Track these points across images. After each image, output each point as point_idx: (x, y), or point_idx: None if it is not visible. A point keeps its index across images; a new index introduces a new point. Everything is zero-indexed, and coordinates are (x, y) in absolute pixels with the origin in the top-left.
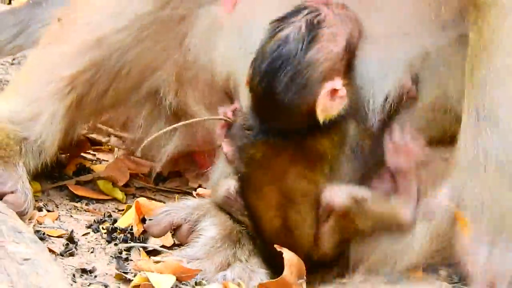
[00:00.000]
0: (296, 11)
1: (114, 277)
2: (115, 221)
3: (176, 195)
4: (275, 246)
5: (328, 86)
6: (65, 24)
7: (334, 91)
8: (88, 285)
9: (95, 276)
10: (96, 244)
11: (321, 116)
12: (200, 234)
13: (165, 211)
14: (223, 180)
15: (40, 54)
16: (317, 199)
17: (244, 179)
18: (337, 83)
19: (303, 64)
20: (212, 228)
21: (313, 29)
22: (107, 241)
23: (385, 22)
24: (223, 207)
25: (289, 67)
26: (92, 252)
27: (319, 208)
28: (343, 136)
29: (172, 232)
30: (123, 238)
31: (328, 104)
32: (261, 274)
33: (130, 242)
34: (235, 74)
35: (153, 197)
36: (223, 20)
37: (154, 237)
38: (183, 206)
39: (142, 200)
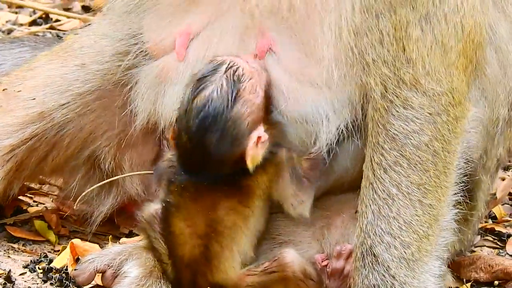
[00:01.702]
0: (214, 68)
1: None
2: (51, 261)
3: (110, 236)
4: None
5: (254, 136)
6: (10, 95)
7: (258, 139)
8: None
9: None
10: (33, 284)
11: (250, 165)
12: (125, 276)
13: (89, 259)
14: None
15: None
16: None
17: (172, 206)
18: (261, 130)
19: (230, 120)
20: (135, 269)
21: (234, 85)
22: (43, 280)
23: None
24: (146, 226)
25: (218, 125)
26: None
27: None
28: (279, 165)
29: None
30: (58, 278)
31: (255, 152)
32: None
33: (65, 282)
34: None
35: (86, 239)
36: (167, 73)
37: (82, 285)
38: (106, 253)
39: (76, 241)
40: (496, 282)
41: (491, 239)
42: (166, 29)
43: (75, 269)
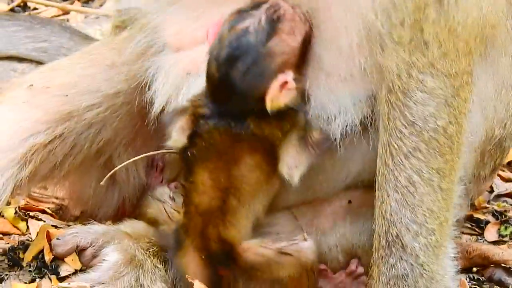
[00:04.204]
0: (256, 5)
1: None
2: (26, 248)
3: None
4: (187, 276)
5: (280, 78)
6: (37, 91)
7: (284, 83)
8: None
9: None
10: (10, 271)
11: (269, 105)
12: (104, 259)
13: (73, 233)
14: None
15: (4, 114)
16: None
17: (197, 157)
18: (289, 76)
19: (261, 55)
20: (115, 253)
21: (273, 22)
22: (20, 268)
23: None
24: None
25: (247, 57)
26: (7, 279)
27: None
28: (293, 125)
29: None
30: (36, 266)
31: (277, 94)
32: None
33: (43, 270)
34: None
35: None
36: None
37: (58, 257)
38: (90, 230)
39: (52, 229)
40: (474, 269)
41: (469, 226)
42: (197, 20)
43: (56, 238)
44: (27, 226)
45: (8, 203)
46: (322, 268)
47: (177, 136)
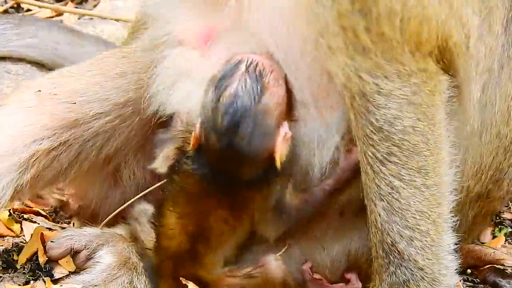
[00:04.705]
0: (235, 66)
1: None
2: (20, 250)
3: None
4: (181, 278)
5: (281, 130)
6: (45, 97)
7: (284, 135)
8: None
9: None
10: (4, 274)
11: (278, 160)
12: (98, 262)
13: (68, 235)
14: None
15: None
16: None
17: (170, 200)
18: (286, 126)
19: (260, 113)
20: (109, 256)
21: (258, 79)
22: (14, 270)
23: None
24: (133, 220)
25: (248, 120)
26: (1, 281)
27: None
28: (272, 192)
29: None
30: (31, 268)
31: (284, 147)
32: None
33: (37, 272)
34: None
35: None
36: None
37: (53, 259)
38: (85, 233)
39: (46, 231)
40: (468, 271)
41: None
42: (193, 21)
43: (51, 241)
44: (21, 228)
45: None
46: (317, 277)
47: (159, 163)
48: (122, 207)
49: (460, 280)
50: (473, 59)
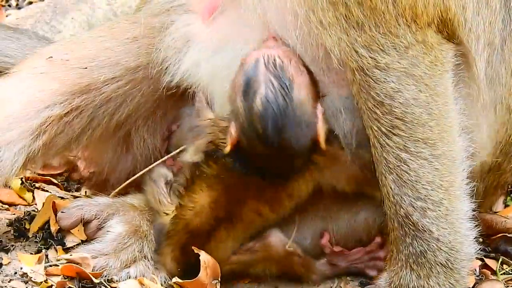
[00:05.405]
0: (253, 69)
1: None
2: (32, 219)
3: None
4: (193, 248)
5: (318, 112)
6: (56, 63)
7: (322, 115)
8: (9, 281)
9: (15, 273)
10: (16, 242)
11: (323, 141)
12: (108, 231)
13: (78, 205)
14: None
15: (21, 83)
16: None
17: (205, 179)
18: (319, 106)
19: (296, 109)
20: (120, 225)
21: (282, 75)
22: (26, 238)
23: None
24: (152, 185)
25: (288, 120)
26: (13, 249)
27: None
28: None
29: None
30: (42, 236)
31: (323, 127)
32: (164, 272)
33: (49, 241)
34: (212, 85)
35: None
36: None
37: (64, 229)
38: (95, 203)
39: (58, 200)
40: (480, 239)
41: None
42: None
43: (61, 211)
44: (33, 197)
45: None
46: (337, 250)
47: (190, 156)
48: (134, 177)
49: None
50: (473, 32)
